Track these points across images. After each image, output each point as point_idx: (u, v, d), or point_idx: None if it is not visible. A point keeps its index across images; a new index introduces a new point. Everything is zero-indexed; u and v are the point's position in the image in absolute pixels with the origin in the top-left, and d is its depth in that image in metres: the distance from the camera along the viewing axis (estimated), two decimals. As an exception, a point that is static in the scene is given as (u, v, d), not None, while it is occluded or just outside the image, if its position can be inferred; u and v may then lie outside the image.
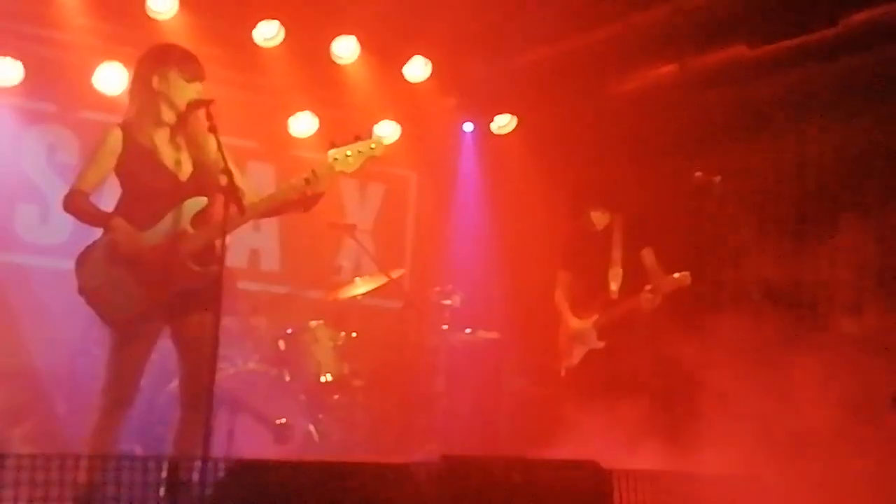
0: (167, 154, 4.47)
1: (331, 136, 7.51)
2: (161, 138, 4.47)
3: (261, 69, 7.38)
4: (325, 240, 7.05)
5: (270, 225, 7.76)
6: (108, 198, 4.53)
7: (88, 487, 3.97)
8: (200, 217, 4.43)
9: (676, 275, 6.03)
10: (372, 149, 4.52)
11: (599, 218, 6.42)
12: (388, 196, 8.61)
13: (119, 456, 4.18)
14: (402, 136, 8.19)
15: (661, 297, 6.03)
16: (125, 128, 4.44)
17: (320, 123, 7.93)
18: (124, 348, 4.40)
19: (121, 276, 4.35)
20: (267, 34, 7.16)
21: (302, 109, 7.81)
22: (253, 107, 7.50)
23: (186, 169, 4.46)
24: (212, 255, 4.41)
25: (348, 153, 4.42)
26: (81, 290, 4.43)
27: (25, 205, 7.15)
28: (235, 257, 6.37)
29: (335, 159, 4.42)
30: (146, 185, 4.43)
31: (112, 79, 7.06)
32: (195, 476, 3.70)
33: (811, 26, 5.96)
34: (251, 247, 7.72)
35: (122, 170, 4.43)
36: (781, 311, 5.60)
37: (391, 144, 8.20)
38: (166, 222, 4.37)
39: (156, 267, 4.35)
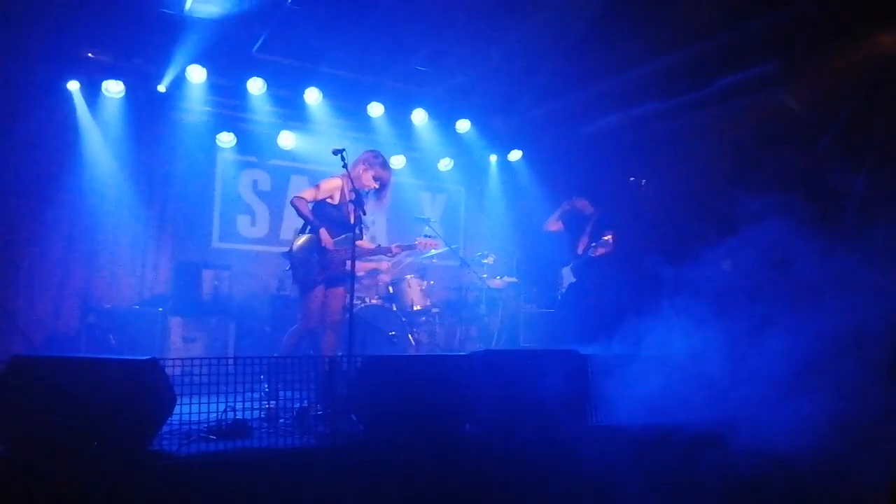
0: (348, 206, 4.56)
1: (417, 167, 7.58)
2: (351, 198, 4.53)
3: (372, 129, 7.38)
4: (413, 226, 7.13)
5: (381, 222, 7.84)
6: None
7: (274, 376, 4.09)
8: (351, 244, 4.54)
9: (606, 237, 5.94)
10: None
11: (586, 206, 6.26)
12: (448, 201, 8.60)
13: (301, 356, 4.30)
14: (455, 166, 8.19)
15: (603, 251, 5.94)
16: (343, 181, 4.59)
17: (409, 159, 7.96)
18: (309, 296, 4.52)
19: (313, 257, 4.50)
20: (373, 110, 7.20)
21: (396, 153, 7.86)
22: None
23: (354, 217, 4.50)
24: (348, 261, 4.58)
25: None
26: (291, 256, 4.54)
27: (241, 215, 7.28)
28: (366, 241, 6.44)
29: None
30: (336, 216, 4.57)
31: (287, 140, 7.18)
32: (344, 365, 3.80)
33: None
34: (372, 233, 7.78)
35: (331, 201, 4.59)
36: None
37: (449, 171, 8.24)
38: (342, 240, 4.51)
39: (331, 258, 4.49)
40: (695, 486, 3.30)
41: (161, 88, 6.32)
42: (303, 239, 4.52)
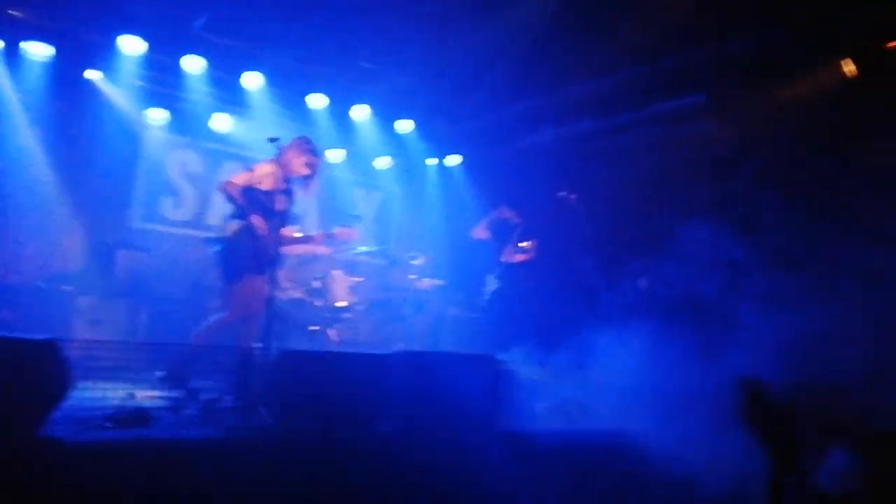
0: (278, 193, 4.38)
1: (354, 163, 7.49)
2: (280, 185, 4.40)
3: (311, 121, 7.24)
4: (346, 222, 7.03)
5: (313, 215, 7.71)
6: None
7: (182, 364, 3.95)
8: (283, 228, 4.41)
9: (524, 244, 6.03)
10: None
11: (512, 216, 6.32)
12: (384, 200, 8.53)
13: (214, 345, 4.16)
14: (393, 165, 8.16)
15: (520, 258, 6.05)
16: (275, 167, 4.42)
17: (347, 154, 7.86)
18: (238, 285, 4.33)
19: (246, 244, 4.31)
20: (315, 101, 7.10)
21: (335, 146, 7.75)
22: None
23: (283, 204, 4.33)
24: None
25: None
26: (223, 244, 4.36)
27: (165, 196, 6.99)
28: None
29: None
30: (266, 202, 4.38)
31: (222, 123, 6.96)
32: (259, 357, 3.70)
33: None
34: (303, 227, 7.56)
35: (262, 187, 4.39)
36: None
37: (386, 169, 8.20)
38: (273, 225, 4.32)
39: (263, 246, 4.31)
40: (595, 495, 3.39)
41: (90, 75, 6.02)
42: (234, 225, 4.35)
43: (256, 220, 4.29)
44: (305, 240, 4.85)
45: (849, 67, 5.01)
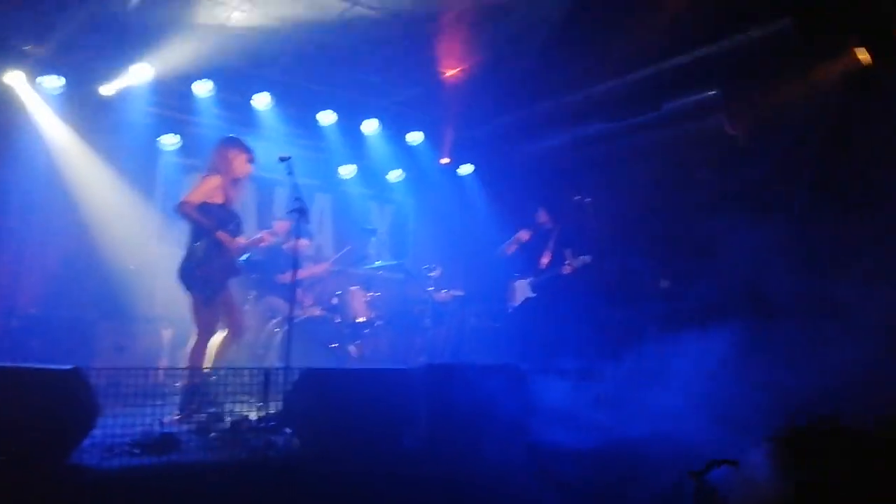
0: (229, 204, 4.49)
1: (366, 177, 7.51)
2: (229, 195, 4.49)
3: (321, 138, 7.29)
4: (361, 237, 7.06)
5: (327, 230, 7.74)
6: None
7: (196, 388, 3.94)
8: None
9: (584, 257, 5.87)
10: None
11: (546, 221, 6.28)
12: (396, 212, 8.53)
13: (231, 368, 4.15)
14: (404, 177, 8.17)
15: (572, 269, 5.90)
16: (221, 178, 4.45)
17: (359, 169, 7.89)
18: (212, 304, 4.36)
19: (215, 262, 4.35)
20: (324, 118, 7.14)
21: (347, 161, 7.79)
22: (316, 160, 7.44)
23: (234, 214, 4.51)
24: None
25: None
26: (197, 265, 4.34)
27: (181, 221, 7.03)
28: (308, 250, 6.30)
29: None
30: (223, 216, 4.42)
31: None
32: (281, 377, 3.69)
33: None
34: (317, 242, 7.57)
35: (215, 201, 4.42)
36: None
37: (398, 182, 8.20)
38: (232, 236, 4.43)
39: (232, 260, 4.44)
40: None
41: (104, 91, 6.11)
42: (202, 244, 4.33)
43: (223, 236, 4.31)
44: (256, 242, 4.90)
45: (863, 56, 4.94)
